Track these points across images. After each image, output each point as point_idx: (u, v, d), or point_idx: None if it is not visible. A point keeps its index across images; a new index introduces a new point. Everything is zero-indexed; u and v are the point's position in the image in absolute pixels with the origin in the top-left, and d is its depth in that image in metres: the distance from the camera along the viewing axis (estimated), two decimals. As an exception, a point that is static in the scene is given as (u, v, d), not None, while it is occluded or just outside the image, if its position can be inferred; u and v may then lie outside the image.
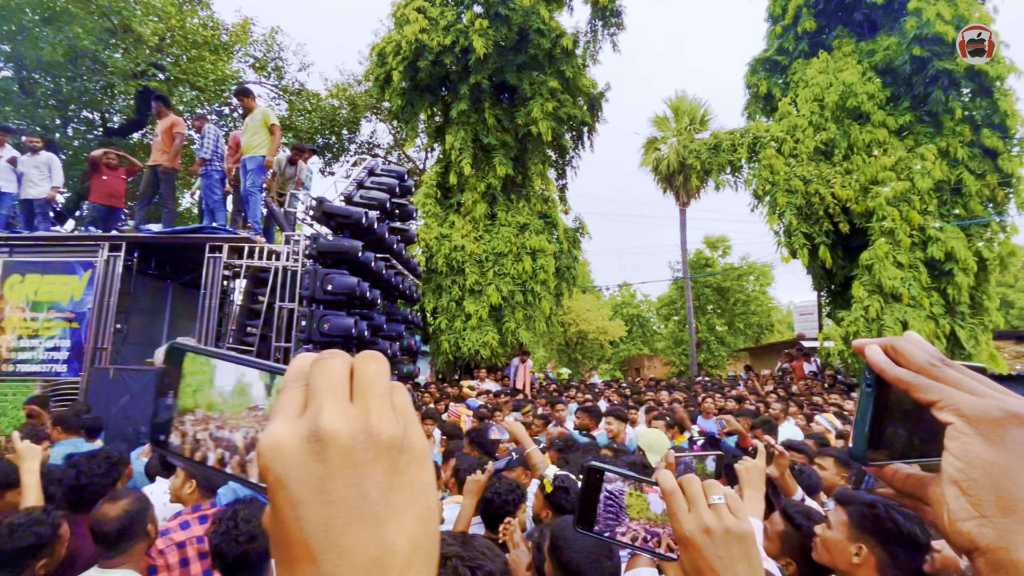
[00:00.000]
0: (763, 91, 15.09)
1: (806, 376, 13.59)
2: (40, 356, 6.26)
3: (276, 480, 0.30)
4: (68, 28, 14.35)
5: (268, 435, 0.31)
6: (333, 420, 0.31)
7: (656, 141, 21.76)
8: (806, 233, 12.23)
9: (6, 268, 6.43)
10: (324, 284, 5.08)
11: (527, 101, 15.47)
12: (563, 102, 15.69)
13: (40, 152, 7.45)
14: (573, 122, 16.72)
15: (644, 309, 33.02)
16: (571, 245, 17.44)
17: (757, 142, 13.39)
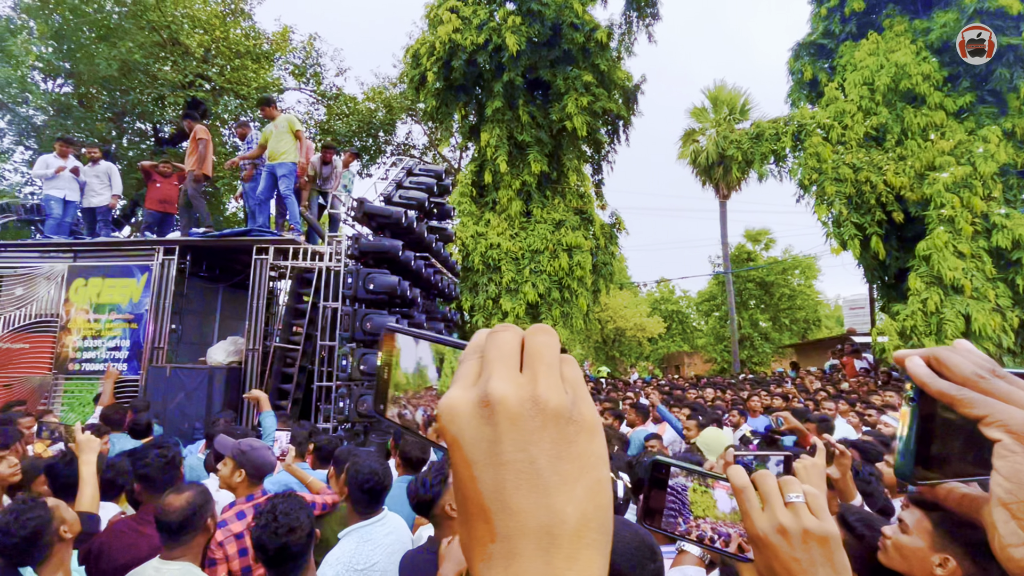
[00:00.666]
0: (808, 77, 14.51)
1: (857, 373, 13.04)
2: (103, 355, 6.60)
3: (453, 440, 0.32)
4: (122, 44, 15.05)
5: (445, 399, 0.34)
6: (501, 387, 0.32)
7: (694, 133, 21.26)
8: (857, 223, 11.68)
9: (71, 272, 6.80)
10: (366, 283, 5.17)
11: (561, 96, 15.35)
12: (598, 96, 15.51)
13: (100, 162, 7.85)
14: (608, 116, 16.51)
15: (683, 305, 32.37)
16: (608, 241, 17.23)
17: (802, 130, 12.87)
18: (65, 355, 6.65)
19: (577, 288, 15.63)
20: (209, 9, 17.18)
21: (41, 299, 6.79)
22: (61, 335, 6.69)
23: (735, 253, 27.21)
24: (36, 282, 6.82)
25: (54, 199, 7.43)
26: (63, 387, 6.62)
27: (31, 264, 6.88)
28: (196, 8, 16.71)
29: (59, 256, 6.88)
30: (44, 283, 6.81)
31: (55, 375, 6.63)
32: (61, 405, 6.44)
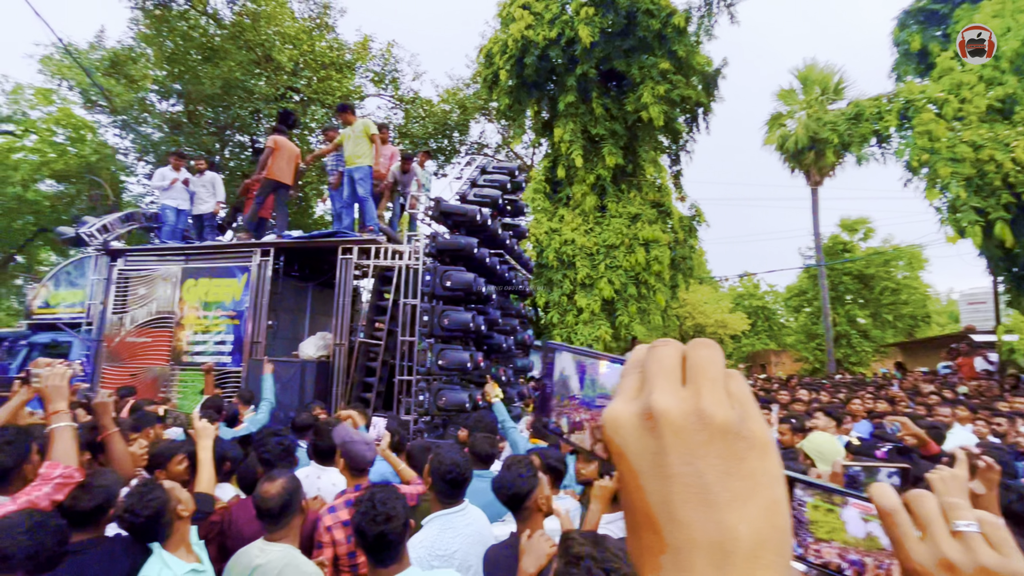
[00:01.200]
0: (916, 47, 13.20)
1: (977, 375, 11.71)
2: (211, 349, 7.23)
3: (618, 450, 0.34)
4: (223, 64, 16.39)
5: (608, 411, 0.35)
6: (664, 399, 0.33)
7: (781, 117, 19.94)
8: (978, 208, 10.41)
9: (184, 274, 7.51)
10: (443, 281, 5.31)
11: (636, 86, 14.95)
12: (675, 84, 14.95)
13: (205, 172, 8.60)
14: (687, 104, 15.87)
15: (769, 300, 30.48)
16: (687, 234, 16.60)
17: (910, 106, 11.68)
18: (180, 348, 7.36)
19: (655, 283, 15.20)
20: (297, 25, 18.29)
21: (160, 298, 7.56)
22: (176, 330, 7.40)
23: (828, 244, 25.25)
24: (155, 283, 7.60)
25: (169, 208, 8.23)
26: (178, 377, 7.32)
27: (151, 267, 7.67)
28: (286, 25, 17.85)
29: (174, 259, 7.61)
30: (162, 283, 7.57)
31: (171, 366, 7.35)
32: (177, 393, 7.13)
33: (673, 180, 17.50)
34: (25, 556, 1.61)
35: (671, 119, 15.35)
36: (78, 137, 18.17)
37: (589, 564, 1.33)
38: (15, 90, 18.71)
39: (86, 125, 18.58)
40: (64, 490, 2.01)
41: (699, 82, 15.98)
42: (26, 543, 1.62)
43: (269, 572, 2.05)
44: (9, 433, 2.20)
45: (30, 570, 1.63)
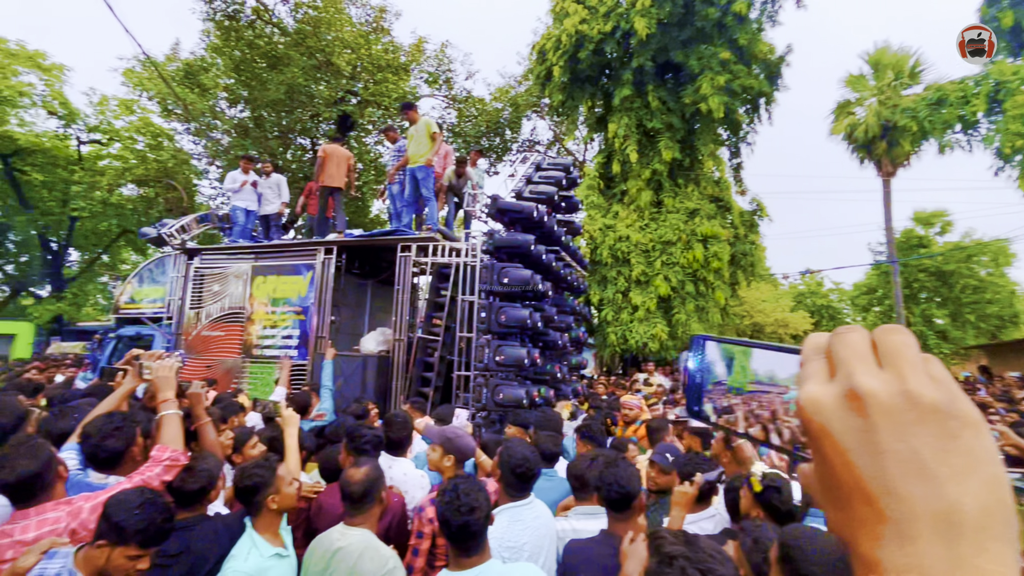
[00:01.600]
0: (1007, 24, 12.12)
1: (1077, 380, 10.70)
2: (278, 343, 7.58)
3: (820, 428, 0.34)
4: (287, 70, 17.11)
5: (806, 393, 0.36)
6: (868, 380, 0.34)
7: (850, 104, 18.81)
8: (1076, 198, 9.53)
9: (254, 271, 7.91)
10: (500, 277, 5.34)
11: (695, 78, 14.50)
12: (736, 73, 14.41)
13: (272, 175, 9.01)
14: (748, 94, 15.25)
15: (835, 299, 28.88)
16: (748, 230, 15.98)
17: (1001, 89, 10.76)
18: (250, 342, 7.75)
19: (713, 281, 14.74)
20: (355, 30, 18.85)
21: (232, 294, 7.98)
22: (247, 325, 7.80)
23: (901, 239, 23.61)
24: (228, 280, 8.04)
25: (239, 209, 8.68)
26: (249, 369, 7.71)
27: (224, 265, 8.11)
28: (345, 31, 18.43)
29: (244, 257, 8.02)
30: (234, 281, 8.00)
31: (243, 359, 7.75)
32: (248, 385, 7.51)
33: (733, 174, 16.90)
34: (136, 530, 1.75)
35: (731, 110, 14.80)
36: (156, 144, 19.46)
37: (683, 564, 1.31)
38: (101, 101, 20.26)
39: (163, 132, 19.87)
40: (172, 471, 2.21)
41: (761, 71, 15.33)
42: (138, 518, 1.76)
43: (350, 554, 2.13)
44: (118, 419, 2.40)
45: (140, 542, 1.77)
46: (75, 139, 20.86)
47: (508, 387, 5.13)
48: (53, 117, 19.78)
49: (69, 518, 1.91)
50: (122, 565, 1.76)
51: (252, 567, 2.06)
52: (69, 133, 20.66)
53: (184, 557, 2.10)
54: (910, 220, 24.80)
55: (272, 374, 7.47)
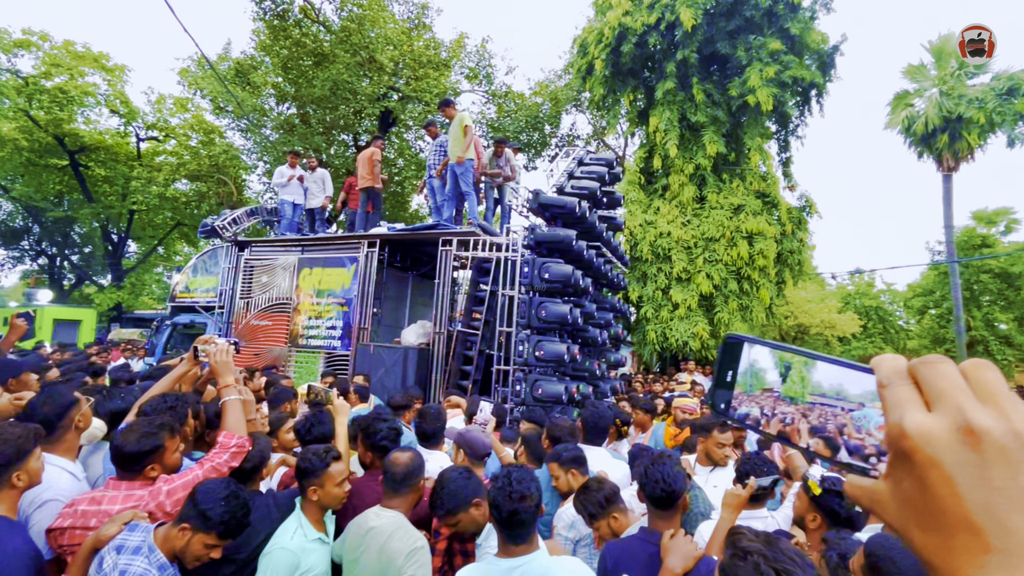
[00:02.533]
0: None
1: None
2: (323, 333, 7.80)
3: (929, 459, 0.36)
4: (332, 67, 17.48)
5: (916, 424, 0.37)
6: (984, 419, 0.35)
7: (908, 96, 17.87)
8: None
9: (300, 263, 8.15)
10: (541, 272, 5.32)
11: (742, 69, 14.06)
12: (786, 64, 13.88)
13: (317, 170, 9.25)
14: (799, 86, 14.69)
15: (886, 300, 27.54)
16: (795, 227, 15.43)
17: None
18: (296, 331, 8.00)
19: (758, 279, 14.32)
20: (397, 27, 19.09)
21: (279, 285, 8.25)
22: (293, 315, 8.05)
23: (962, 238, 22.31)
24: (275, 271, 8.30)
25: (287, 203, 8.95)
26: (295, 358, 7.96)
27: (272, 257, 8.38)
28: (388, 28, 18.69)
29: (291, 250, 8.27)
30: (281, 272, 8.26)
31: (289, 348, 8.01)
32: (293, 372, 7.75)
33: (782, 168, 16.33)
34: (220, 520, 1.86)
35: (781, 103, 14.29)
36: (208, 140, 20.24)
37: (759, 560, 1.29)
38: (159, 100, 21.20)
39: (215, 129, 20.64)
40: (238, 457, 2.33)
41: (813, 61, 14.72)
42: (223, 509, 1.87)
43: (382, 533, 2.20)
44: (171, 399, 2.52)
45: (220, 533, 1.87)
46: (134, 136, 21.90)
47: (547, 382, 5.12)
48: (115, 115, 20.82)
49: (150, 497, 2.03)
50: (198, 551, 1.85)
51: (296, 546, 2.17)
52: (129, 131, 21.72)
53: None
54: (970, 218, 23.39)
55: (317, 362, 7.70)
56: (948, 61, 17.15)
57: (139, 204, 19.94)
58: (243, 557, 2.21)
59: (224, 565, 2.16)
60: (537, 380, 5.20)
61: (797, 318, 21.10)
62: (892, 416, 0.38)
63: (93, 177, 20.70)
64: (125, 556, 1.75)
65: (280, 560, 2.11)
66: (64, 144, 19.56)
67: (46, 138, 19.13)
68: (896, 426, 0.38)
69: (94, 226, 22.83)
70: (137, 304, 23.14)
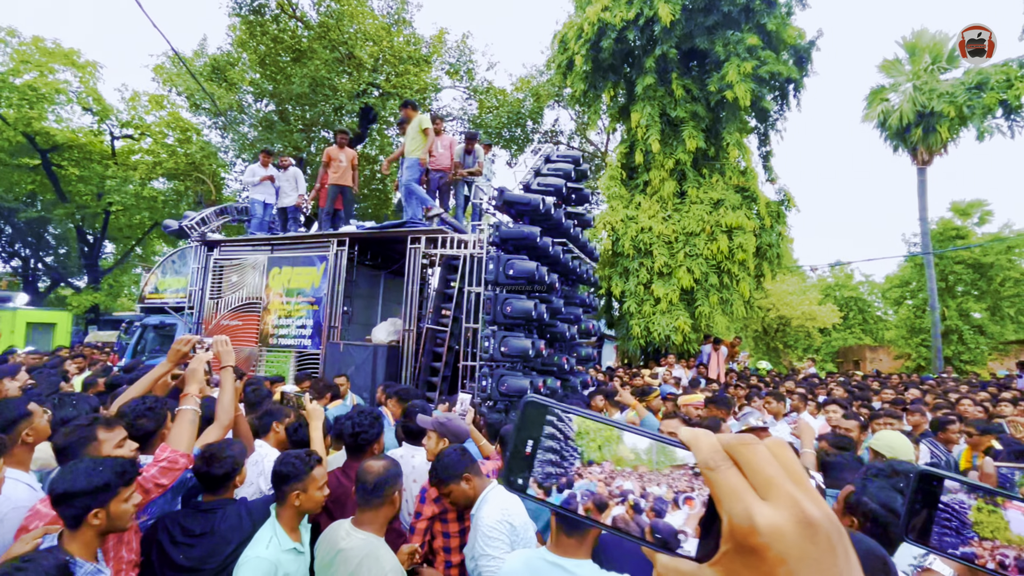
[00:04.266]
0: (1052, 3, 11.48)
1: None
2: (293, 332, 7.72)
3: (777, 557, 0.36)
4: (310, 63, 17.28)
5: (767, 521, 0.36)
6: (813, 509, 0.36)
7: (883, 90, 18.05)
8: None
9: (269, 263, 8.05)
10: (506, 269, 5.31)
11: (720, 65, 14.12)
12: (764, 60, 13.96)
13: (288, 168, 9.14)
14: (776, 80, 14.78)
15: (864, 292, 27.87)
16: (774, 220, 15.54)
17: (1044, 71, 10.20)
18: (266, 331, 7.91)
19: (738, 272, 14.42)
20: (377, 22, 18.91)
21: (249, 285, 8.14)
22: (263, 315, 7.95)
23: (938, 230, 22.64)
24: (245, 271, 8.20)
25: (257, 202, 8.84)
26: (266, 358, 7.87)
27: (241, 256, 8.27)
28: (367, 23, 18.51)
29: (261, 249, 8.16)
30: (251, 271, 8.15)
31: (260, 348, 7.91)
32: (264, 373, 7.66)
33: (763, 162, 16.43)
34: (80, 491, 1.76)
35: (759, 98, 14.37)
36: (185, 138, 19.94)
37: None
38: (132, 97, 20.82)
39: (192, 127, 20.33)
40: (169, 474, 2.18)
41: (790, 56, 14.82)
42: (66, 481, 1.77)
43: (350, 559, 2.11)
44: (150, 401, 2.50)
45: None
46: (108, 134, 21.52)
47: (512, 377, 5.13)
48: (87, 113, 20.43)
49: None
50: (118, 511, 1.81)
51: (272, 556, 2.10)
52: (103, 129, 21.32)
53: (208, 537, 2.19)
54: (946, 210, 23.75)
55: (288, 362, 7.61)
56: (922, 56, 17.36)
57: (115, 204, 19.60)
58: (212, 568, 2.16)
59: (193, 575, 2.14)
60: (503, 375, 5.19)
61: (779, 311, 21.32)
62: (735, 508, 0.37)
63: (67, 176, 20.31)
64: None
65: (257, 568, 2.04)
66: (35, 143, 19.16)
67: (16, 136, 18.70)
68: (745, 520, 0.37)
69: (69, 227, 22.41)
70: (115, 306, 22.79)
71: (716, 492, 0.39)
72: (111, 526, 1.82)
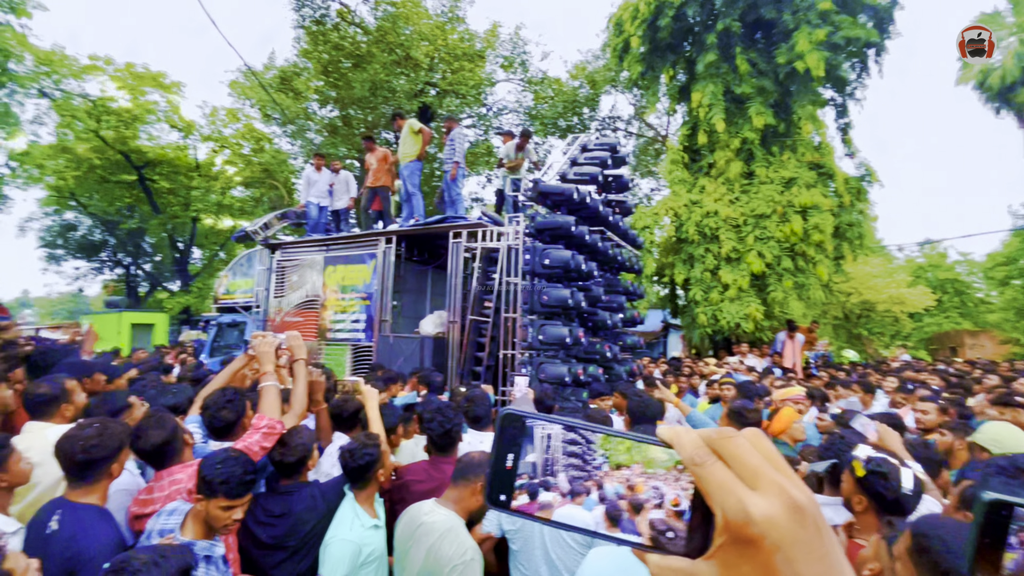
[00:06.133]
0: None
1: None
2: (348, 327, 8.01)
3: (773, 545, 0.36)
4: (369, 67, 17.84)
5: (761, 511, 0.37)
6: (799, 493, 0.38)
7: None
8: None
9: (326, 262, 8.40)
10: (541, 259, 5.28)
11: (789, 34, 13.17)
12: (839, 25, 12.89)
13: (340, 172, 9.48)
14: (854, 46, 13.59)
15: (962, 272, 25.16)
16: (855, 198, 14.35)
17: None
18: (324, 326, 8.26)
19: (814, 255, 13.50)
20: (431, 21, 19.21)
21: (308, 283, 8.54)
22: (321, 311, 8.31)
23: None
24: (304, 270, 8.60)
25: (313, 205, 9.23)
26: (324, 351, 8.22)
27: (300, 257, 8.68)
28: (422, 24, 18.85)
29: (317, 249, 8.53)
30: (309, 271, 8.54)
31: (319, 342, 8.27)
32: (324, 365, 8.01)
33: (841, 136, 15.21)
34: (220, 482, 1.97)
35: (833, 66, 13.28)
36: (259, 148, 21.24)
37: None
38: (212, 112, 22.46)
39: (264, 136, 21.62)
40: (270, 438, 2.43)
41: (869, 19, 13.57)
42: (220, 472, 1.99)
43: (431, 532, 2.18)
44: (230, 393, 2.72)
45: (226, 493, 1.98)
46: (193, 148, 23.36)
47: (552, 365, 5.11)
48: (174, 130, 22.25)
49: (188, 479, 2.20)
50: (219, 515, 1.98)
51: (356, 537, 2.25)
52: (187, 143, 23.16)
53: (287, 518, 2.38)
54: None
55: (344, 355, 7.92)
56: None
57: (200, 212, 21.23)
58: (293, 545, 2.34)
59: (275, 552, 2.34)
60: (542, 363, 5.17)
61: (861, 294, 19.67)
62: (728, 501, 0.37)
63: (158, 189, 22.25)
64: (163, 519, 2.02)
65: (343, 551, 2.19)
66: (131, 160, 21.12)
67: (115, 155, 20.70)
68: (739, 513, 0.37)
69: (162, 235, 24.55)
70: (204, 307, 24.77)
71: (705, 488, 0.39)
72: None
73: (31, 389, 2.61)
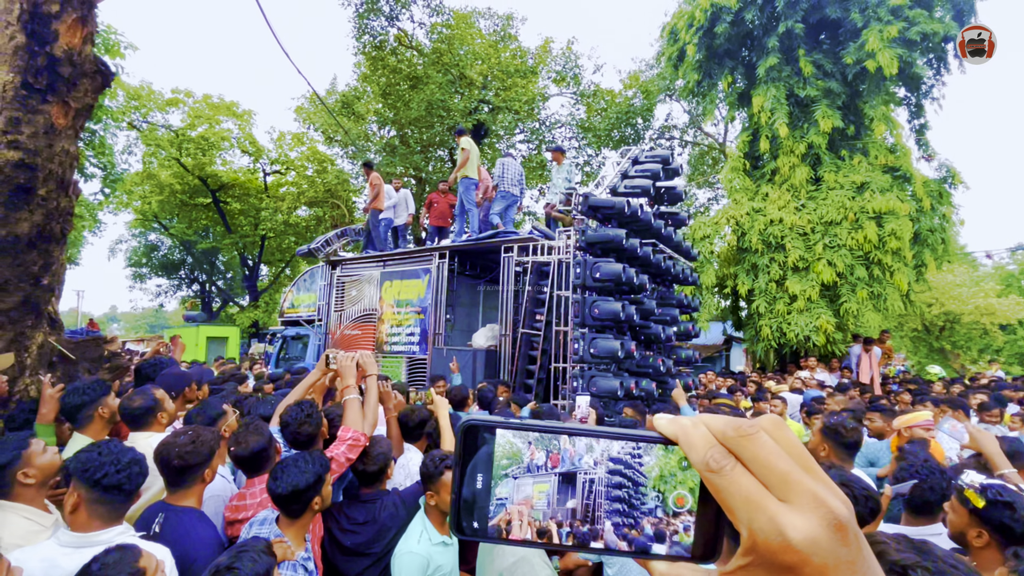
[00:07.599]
0: None
1: None
2: (403, 340, 8.20)
3: (819, 568, 0.32)
4: (426, 88, 18.39)
5: (797, 531, 0.32)
6: (839, 505, 0.33)
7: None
8: None
9: (382, 277, 8.64)
10: (592, 272, 5.20)
11: (858, 33, 12.50)
12: (912, 20, 12.11)
13: (400, 190, 9.76)
14: (930, 42, 12.72)
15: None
16: (935, 201, 13.33)
17: None
18: (381, 339, 8.48)
19: (892, 263, 12.59)
20: (485, 41, 19.60)
21: (366, 298, 8.81)
22: (378, 324, 8.55)
23: None
24: (362, 285, 8.88)
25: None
26: (381, 364, 8.42)
27: (358, 272, 8.99)
28: (476, 44, 19.27)
29: (374, 265, 8.80)
30: (367, 286, 8.82)
31: (377, 354, 8.49)
32: (380, 379, 8.21)
33: (916, 136, 14.23)
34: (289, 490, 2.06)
35: (907, 64, 12.48)
36: (321, 169, 22.28)
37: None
38: (279, 137, 23.82)
39: (327, 158, 22.66)
40: (355, 449, 2.55)
41: (947, 12, 12.68)
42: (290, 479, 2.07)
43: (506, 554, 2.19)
44: (307, 407, 2.82)
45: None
46: (261, 171, 24.82)
47: (603, 378, 5.04)
48: (245, 155, 23.76)
49: None
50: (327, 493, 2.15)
51: (424, 550, 2.25)
52: (257, 167, 24.65)
53: (370, 525, 2.47)
54: None
55: (400, 367, 8.09)
56: None
57: (268, 231, 22.46)
58: (378, 551, 2.43)
59: (360, 559, 2.42)
60: (593, 376, 5.07)
61: (944, 305, 18.13)
62: (758, 520, 0.32)
63: (231, 211, 23.73)
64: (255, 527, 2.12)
65: (411, 563, 2.22)
66: (207, 184, 22.71)
67: (193, 180, 22.32)
68: (774, 536, 0.32)
69: (233, 254, 26.13)
70: (272, 321, 26.11)
71: (726, 500, 0.33)
72: (323, 506, 2.21)
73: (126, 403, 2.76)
